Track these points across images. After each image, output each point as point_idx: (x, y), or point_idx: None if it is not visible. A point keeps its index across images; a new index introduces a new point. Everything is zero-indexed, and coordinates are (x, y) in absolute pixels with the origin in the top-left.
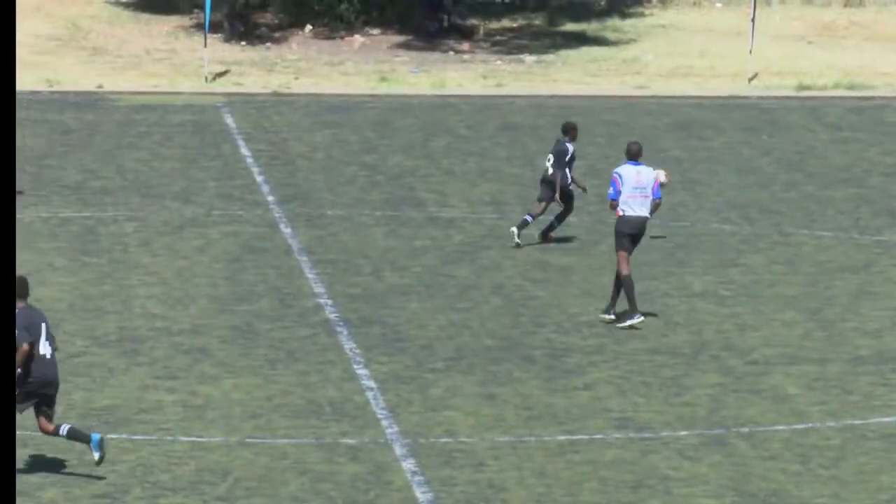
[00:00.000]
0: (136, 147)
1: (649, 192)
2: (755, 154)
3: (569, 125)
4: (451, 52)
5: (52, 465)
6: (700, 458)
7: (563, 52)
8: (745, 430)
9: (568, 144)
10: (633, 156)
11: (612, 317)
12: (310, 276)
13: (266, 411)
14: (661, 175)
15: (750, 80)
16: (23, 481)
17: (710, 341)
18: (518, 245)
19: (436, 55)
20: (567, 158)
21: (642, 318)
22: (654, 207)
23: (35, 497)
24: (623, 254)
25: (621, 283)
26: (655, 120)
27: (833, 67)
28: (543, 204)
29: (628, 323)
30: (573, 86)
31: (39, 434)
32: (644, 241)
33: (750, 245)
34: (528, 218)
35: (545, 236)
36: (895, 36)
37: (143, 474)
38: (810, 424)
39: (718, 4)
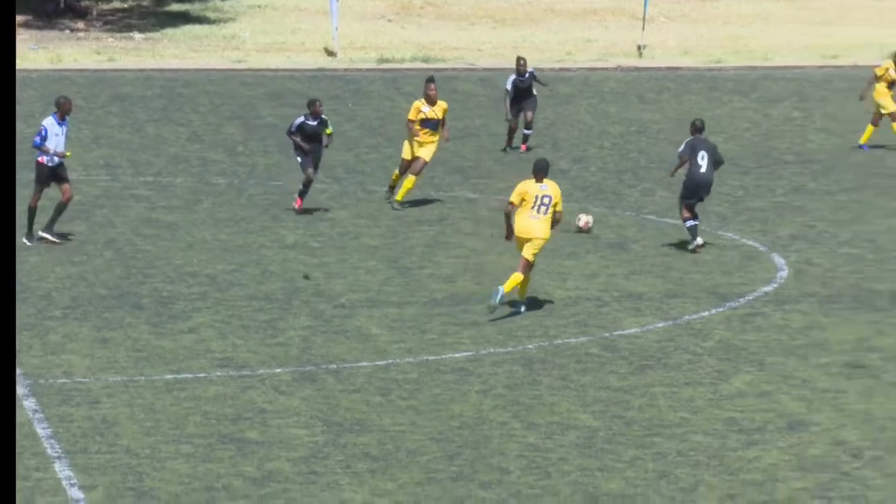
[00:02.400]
0: None
1: (64, 143)
2: (341, 120)
3: (309, 101)
4: (68, 31)
5: None
6: (293, 393)
7: (169, 30)
8: (333, 366)
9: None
10: (63, 113)
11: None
12: None
13: None
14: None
15: (331, 54)
16: None
17: (302, 288)
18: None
19: (53, 33)
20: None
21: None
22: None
23: None
24: (38, 188)
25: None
26: (252, 90)
27: (410, 42)
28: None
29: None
30: (178, 60)
31: None
32: (242, 198)
33: (337, 201)
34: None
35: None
36: (465, 14)
37: None
38: (391, 360)
39: None
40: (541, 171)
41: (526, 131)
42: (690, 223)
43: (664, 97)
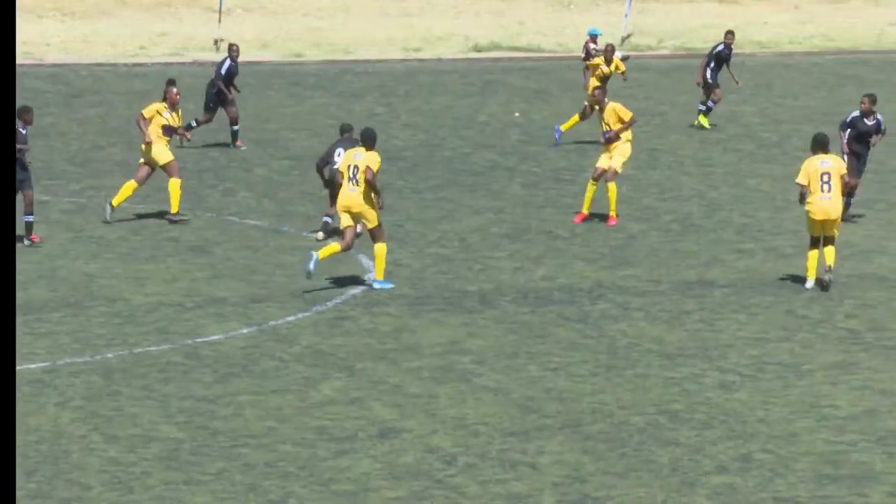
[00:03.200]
0: None
1: None
2: None
3: (23, 109)
4: None
5: None
6: None
7: None
8: None
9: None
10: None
11: None
12: None
13: None
14: None
15: None
16: None
17: None
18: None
19: None
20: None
21: None
22: None
23: None
24: None
25: None
26: None
27: None
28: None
29: None
30: None
31: None
32: None
33: None
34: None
35: None
36: (31, 7)
37: None
38: None
39: None
40: (368, 141)
41: (234, 127)
42: (326, 218)
43: (244, 93)
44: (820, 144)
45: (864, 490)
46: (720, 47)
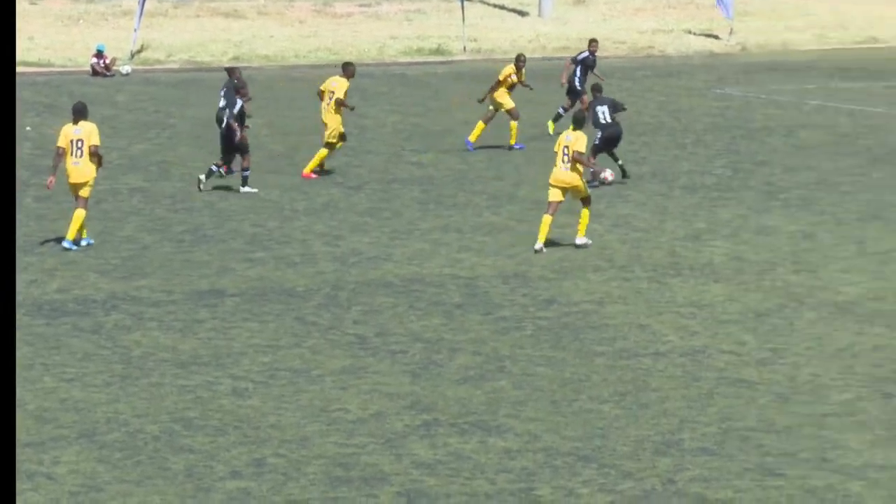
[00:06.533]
0: None
1: None
2: None
3: None
4: None
5: None
6: None
7: None
8: None
9: None
10: None
11: None
12: None
13: None
14: None
15: None
16: None
17: None
18: None
19: None
20: None
21: None
22: None
23: None
24: None
25: None
26: None
27: None
28: None
29: None
30: None
31: None
32: None
33: None
34: None
35: None
36: None
37: None
38: None
39: None
40: (78, 114)
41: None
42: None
43: None
44: (573, 121)
45: (373, 491)
46: (585, 54)
